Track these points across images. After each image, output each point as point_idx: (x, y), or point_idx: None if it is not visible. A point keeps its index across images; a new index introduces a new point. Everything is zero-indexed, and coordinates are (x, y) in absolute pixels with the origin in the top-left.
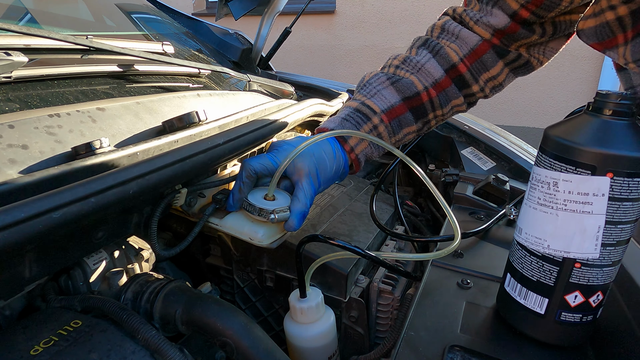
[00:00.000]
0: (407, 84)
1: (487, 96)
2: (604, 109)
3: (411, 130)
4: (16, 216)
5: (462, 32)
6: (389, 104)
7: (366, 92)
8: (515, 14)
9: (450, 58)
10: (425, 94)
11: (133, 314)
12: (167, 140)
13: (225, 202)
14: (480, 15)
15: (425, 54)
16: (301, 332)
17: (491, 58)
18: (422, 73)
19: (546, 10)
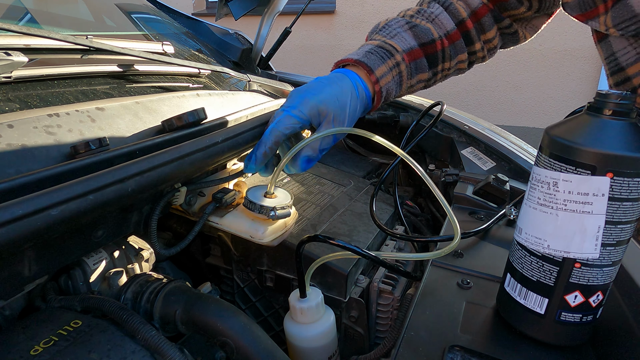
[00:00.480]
0: (424, 30)
1: (484, 58)
2: (603, 109)
3: (423, 77)
4: (14, 213)
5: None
6: (409, 45)
7: (385, 33)
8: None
9: (459, 13)
10: (439, 42)
11: (133, 314)
12: (166, 139)
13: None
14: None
15: (437, 6)
16: (301, 332)
17: (489, 21)
18: (436, 23)
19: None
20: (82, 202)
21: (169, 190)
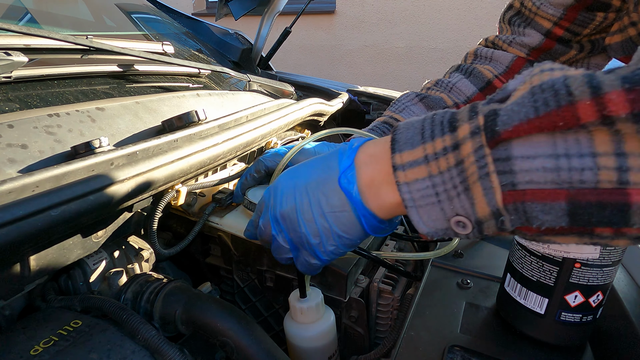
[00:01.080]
0: (435, 99)
1: None
2: None
3: None
4: (15, 214)
5: (495, 53)
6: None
7: (395, 108)
8: (549, 32)
9: (484, 76)
10: (455, 108)
11: (133, 314)
12: (167, 139)
13: (226, 201)
14: (512, 37)
15: (457, 75)
16: (301, 332)
17: None
18: (453, 92)
19: (580, 27)
20: (82, 203)
21: (169, 191)
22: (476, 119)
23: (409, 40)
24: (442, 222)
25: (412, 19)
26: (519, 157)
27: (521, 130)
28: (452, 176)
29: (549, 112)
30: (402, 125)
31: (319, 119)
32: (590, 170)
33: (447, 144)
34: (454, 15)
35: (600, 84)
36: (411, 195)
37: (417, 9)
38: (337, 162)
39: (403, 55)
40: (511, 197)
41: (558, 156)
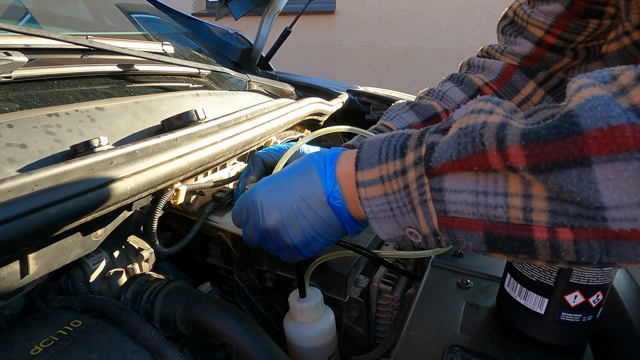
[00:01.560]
0: (425, 106)
1: None
2: None
3: None
4: (13, 211)
5: (487, 62)
6: (407, 123)
7: (387, 116)
8: (541, 41)
9: (474, 83)
10: (444, 115)
11: (133, 314)
12: (166, 138)
13: (226, 199)
14: (505, 46)
15: (449, 84)
16: (301, 332)
17: (520, 78)
18: (444, 99)
19: (573, 34)
20: (81, 201)
21: (169, 190)
22: (420, 149)
23: (409, 40)
24: (398, 231)
25: (412, 19)
26: (448, 190)
27: (448, 168)
28: (402, 196)
29: (467, 157)
30: (366, 143)
31: (319, 118)
32: (502, 208)
33: (397, 168)
34: (454, 15)
35: (504, 137)
36: (371, 209)
37: (417, 9)
38: (319, 178)
39: (403, 55)
40: (444, 222)
41: (478, 193)
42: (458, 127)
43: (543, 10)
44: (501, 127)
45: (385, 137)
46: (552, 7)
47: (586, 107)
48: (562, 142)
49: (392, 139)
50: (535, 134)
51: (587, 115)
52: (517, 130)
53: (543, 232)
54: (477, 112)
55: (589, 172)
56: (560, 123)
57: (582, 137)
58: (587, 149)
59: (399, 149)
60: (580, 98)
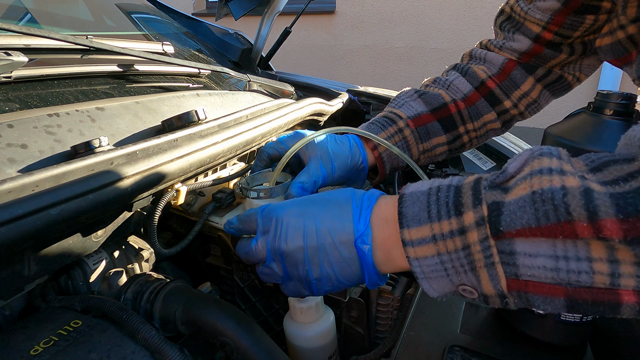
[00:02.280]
0: (434, 95)
1: (524, 114)
2: (604, 108)
3: (440, 141)
4: (14, 212)
5: (488, 55)
6: (416, 112)
7: (394, 104)
8: (539, 37)
9: (478, 76)
10: (453, 105)
11: (133, 314)
12: (167, 139)
13: (226, 200)
14: (503, 42)
15: (454, 73)
16: (301, 332)
17: (519, 74)
18: (451, 89)
19: (570, 30)
20: (81, 202)
21: (169, 190)
22: (480, 209)
23: (409, 40)
24: (450, 288)
25: (412, 19)
26: (521, 254)
27: (523, 234)
28: (460, 257)
29: (549, 225)
30: (407, 196)
31: (319, 118)
32: (586, 274)
33: (454, 228)
34: (454, 15)
35: (596, 209)
36: (421, 269)
37: (417, 9)
38: (352, 216)
39: (403, 55)
40: (515, 285)
41: (557, 258)
42: (530, 190)
43: (540, 7)
44: (588, 196)
45: (430, 189)
46: (548, 4)
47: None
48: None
49: (439, 193)
50: (633, 207)
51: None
52: (607, 200)
53: (631, 295)
54: (547, 173)
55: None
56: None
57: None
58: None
59: (453, 206)
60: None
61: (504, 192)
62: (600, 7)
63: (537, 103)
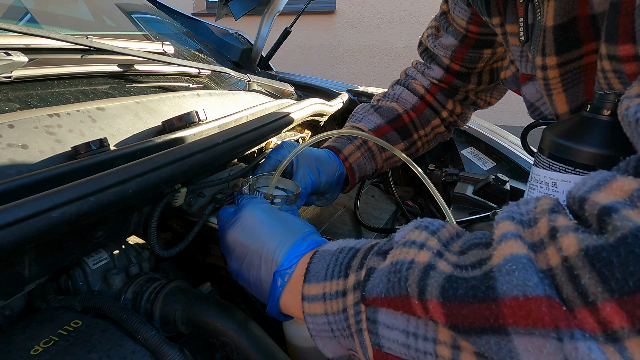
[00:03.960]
0: (388, 108)
1: (457, 122)
2: (602, 109)
3: (399, 148)
4: (16, 215)
5: (418, 75)
6: (375, 124)
7: (354, 119)
8: (449, 68)
9: (417, 90)
10: (405, 115)
11: (133, 314)
12: (167, 139)
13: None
14: (424, 68)
15: (399, 87)
16: (300, 331)
17: (442, 97)
18: (400, 101)
19: (472, 62)
20: (83, 204)
21: (170, 191)
22: (360, 273)
23: (409, 40)
24: (341, 351)
25: (412, 19)
26: (382, 324)
27: (378, 303)
28: (341, 319)
29: (393, 297)
30: (319, 253)
31: (319, 119)
32: (431, 356)
33: (339, 289)
34: None
35: (424, 287)
36: (314, 326)
37: (417, 9)
38: (289, 248)
39: (403, 55)
40: (379, 356)
41: (408, 334)
42: (391, 260)
43: (442, 44)
44: (424, 273)
45: (337, 249)
46: (449, 41)
47: (504, 269)
48: (479, 306)
49: (340, 254)
50: (453, 291)
51: (504, 280)
52: (438, 281)
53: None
54: (409, 245)
55: (507, 341)
56: (479, 284)
57: (498, 304)
58: (502, 317)
59: (344, 267)
60: (501, 255)
61: (383, 259)
62: (494, 41)
63: (464, 115)
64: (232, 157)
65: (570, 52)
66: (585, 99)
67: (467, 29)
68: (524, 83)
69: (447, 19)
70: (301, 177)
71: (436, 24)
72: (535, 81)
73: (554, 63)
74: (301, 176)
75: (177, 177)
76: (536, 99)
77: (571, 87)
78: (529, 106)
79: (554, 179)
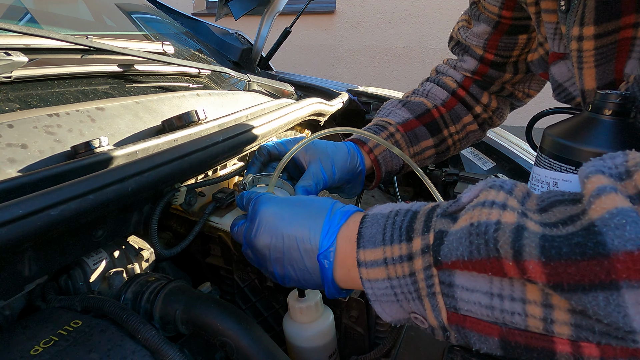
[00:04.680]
0: (417, 103)
1: (492, 119)
2: (604, 108)
3: (428, 144)
4: (14, 213)
5: (450, 71)
6: (403, 118)
7: (381, 114)
8: (482, 58)
9: (449, 86)
10: (435, 110)
11: (133, 314)
12: (167, 139)
13: (226, 200)
14: (456, 62)
15: (429, 83)
16: (300, 331)
17: (475, 90)
18: (430, 97)
19: (508, 50)
20: (82, 202)
21: (169, 190)
22: (428, 236)
23: (409, 40)
24: (402, 315)
25: (412, 19)
26: (459, 287)
27: (458, 266)
28: (407, 283)
29: (479, 260)
30: (369, 217)
31: (319, 118)
32: (519, 316)
33: (403, 253)
34: (454, 15)
35: (521, 248)
36: (373, 292)
37: (417, 9)
38: (320, 230)
39: (403, 55)
40: (454, 319)
41: (492, 295)
42: (469, 222)
43: (474, 33)
44: (517, 234)
45: (390, 212)
46: (481, 29)
47: (611, 223)
48: (587, 263)
49: (397, 217)
50: (556, 251)
51: (613, 234)
52: (535, 240)
53: (566, 345)
54: (489, 206)
55: (617, 297)
56: (584, 241)
57: (610, 260)
58: (615, 273)
59: (405, 231)
60: (603, 209)
61: (452, 222)
62: (529, 26)
63: (500, 110)
64: (231, 155)
65: (609, 23)
66: (614, 77)
67: (500, 15)
68: (554, 62)
69: (478, 8)
70: (313, 173)
71: (467, 17)
72: (567, 60)
73: (591, 33)
74: (313, 172)
75: (176, 176)
76: (566, 79)
77: (603, 63)
78: (555, 87)
79: (555, 178)
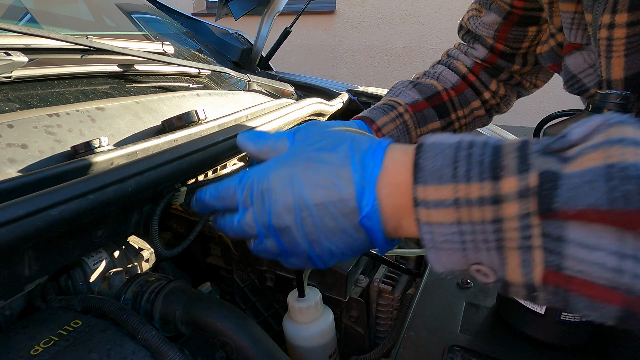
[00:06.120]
0: (427, 85)
1: (500, 106)
2: (603, 108)
3: (436, 126)
4: (14, 213)
5: (460, 55)
6: (412, 99)
7: (391, 93)
8: (493, 47)
9: (460, 70)
10: (445, 93)
11: (133, 314)
12: (167, 139)
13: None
14: (467, 48)
15: (440, 66)
16: (300, 331)
17: (484, 77)
18: (440, 79)
19: (517, 42)
20: (82, 202)
21: (170, 190)
22: (527, 177)
23: (409, 40)
24: (460, 266)
25: (412, 19)
26: (574, 242)
27: (586, 217)
28: (485, 231)
29: (627, 211)
30: (428, 146)
31: (319, 118)
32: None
33: (485, 194)
34: (454, 15)
35: None
36: (432, 237)
37: (417, 9)
38: (354, 187)
39: (403, 55)
40: (554, 279)
41: (624, 256)
42: (604, 162)
43: (484, 23)
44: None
45: (459, 142)
46: (491, 19)
47: None
48: None
49: (472, 149)
50: None
51: None
52: None
53: None
54: (633, 144)
55: None
56: None
57: None
58: None
59: (489, 166)
60: None
61: (563, 162)
62: (540, 18)
63: (507, 98)
64: (231, 155)
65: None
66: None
67: (512, 5)
68: (569, 53)
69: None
70: None
71: (477, 6)
72: (584, 50)
73: (623, 21)
74: None
75: (176, 176)
76: (581, 69)
77: (633, 52)
78: (568, 79)
79: None
